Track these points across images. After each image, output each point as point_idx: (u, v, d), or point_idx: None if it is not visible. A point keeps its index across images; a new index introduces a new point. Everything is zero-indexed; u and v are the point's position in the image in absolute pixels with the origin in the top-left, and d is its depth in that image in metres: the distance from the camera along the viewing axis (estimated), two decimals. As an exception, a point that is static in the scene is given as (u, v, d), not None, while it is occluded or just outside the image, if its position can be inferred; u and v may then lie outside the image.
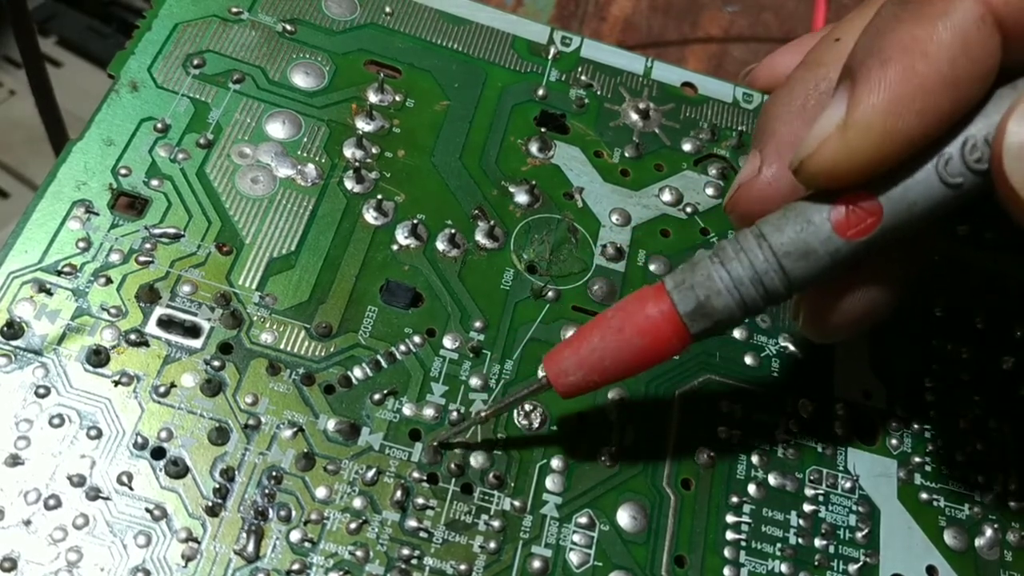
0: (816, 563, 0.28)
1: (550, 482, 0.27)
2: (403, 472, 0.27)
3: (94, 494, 0.24)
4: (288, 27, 0.34)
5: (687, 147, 0.35)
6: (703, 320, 0.24)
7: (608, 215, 0.33)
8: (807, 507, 0.28)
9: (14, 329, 0.26)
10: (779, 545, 0.28)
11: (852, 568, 0.27)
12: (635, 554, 0.27)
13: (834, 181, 0.23)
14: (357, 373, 0.28)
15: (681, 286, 0.24)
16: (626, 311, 0.25)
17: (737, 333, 0.31)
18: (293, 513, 0.25)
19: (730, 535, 0.28)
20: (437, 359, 0.29)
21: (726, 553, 0.27)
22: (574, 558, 0.26)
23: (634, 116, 0.35)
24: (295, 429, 0.26)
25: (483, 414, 0.27)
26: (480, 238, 0.31)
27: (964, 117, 0.22)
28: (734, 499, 0.28)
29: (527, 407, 0.28)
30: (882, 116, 0.21)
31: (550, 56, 0.36)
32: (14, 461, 0.24)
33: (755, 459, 0.29)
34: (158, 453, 0.25)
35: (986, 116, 0.22)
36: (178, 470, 0.25)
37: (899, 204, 0.23)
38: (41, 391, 0.26)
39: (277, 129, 0.32)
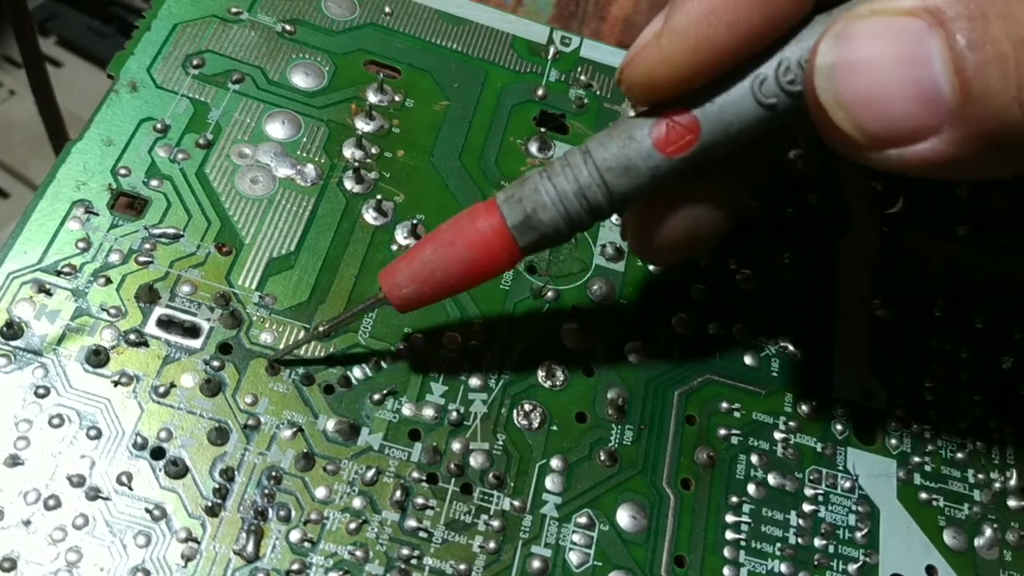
0: (816, 563, 0.28)
1: (550, 482, 0.27)
2: (403, 472, 0.27)
3: (94, 494, 0.24)
4: (288, 27, 0.34)
5: (687, 147, 0.35)
6: (530, 233, 0.25)
7: (615, 216, 0.33)
8: (807, 507, 0.28)
9: (14, 329, 0.26)
10: (779, 545, 0.28)
11: (852, 568, 0.27)
12: (635, 554, 0.27)
13: (652, 91, 0.23)
14: (357, 373, 0.28)
15: (510, 199, 0.25)
16: (458, 225, 0.25)
17: (737, 333, 0.31)
18: (293, 513, 0.25)
19: (730, 535, 0.28)
20: (437, 359, 0.29)
21: (726, 553, 0.27)
22: (574, 558, 0.26)
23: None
24: (295, 429, 0.26)
25: (321, 328, 0.27)
26: (480, 238, 0.31)
27: (779, 40, 0.22)
28: (734, 499, 0.28)
29: (527, 407, 0.28)
30: (694, 25, 0.22)
31: (550, 56, 0.36)
32: (14, 461, 0.24)
33: (755, 459, 0.29)
34: (158, 453, 0.25)
35: (801, 40, 0.22)
36: (178, 470, 0.25)
37: (716, 122, 0.23)
38: (41, 391, 0.26)
39: (277, 129, 0.32)
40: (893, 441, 0.30)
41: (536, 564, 0.26)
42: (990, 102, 0.19)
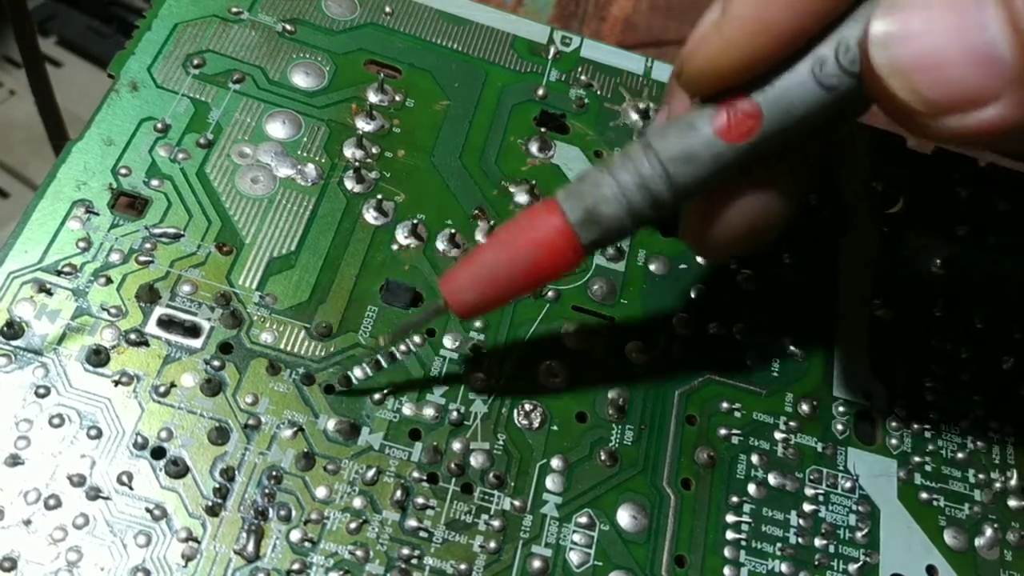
0: (816, 563, 0.28)
1: (550, 482, 0.27)
2: (403, 472, 0.27)
3: (94, 494, 0.24)
4: (288, 27, 0.34)
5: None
6: (593, 228, 0.24)
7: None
8: (807, 507, 0.28)
9: (14, 329, 0.26)
10: (779, 545, 0.28)
11: (852, 568, 0.27)
12: (635, 554, 0.27)
13: (714, 81, 0.23)
14: (357, 373, 0.28)
15: (571, 196, 0.24)
16: (519, 225, 0.25)
17: (737, 333, 0.31)
18: (293, 513, 0.25)
19: (730, 535, 0.28)
20: (437, 359, 0.29)
21: (726, 553, 0.27)
22: (574, 558, 0.26)
23: (634, 116, 0.35)
24: (295, 429, 0.26)
25: (383, 341, 0.27)
26: (480, 238, 0.31)
27: (837, 20, 0.22)
28: (734, 499, 0.28)
29: (527, 407, 0.28)
30: (753, 8, 0.22)
31: (550, 56, 0.36)
32: (14, 461, 0.24)
33: (755, 459, 0.29)
34: (158, 453, 0.25)
35: (859, 18, 0.22)
36: (178, 470, 0.25)
37: (778, 106, 0.23)
38: (41, 391, 0.26)
39: (277, 129, 0.32)
40: (893, 441, 0.30)
41: (536, 564, 0.26)
42: None
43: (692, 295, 0.32)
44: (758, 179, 0.25)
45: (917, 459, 0.30)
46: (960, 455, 0.30)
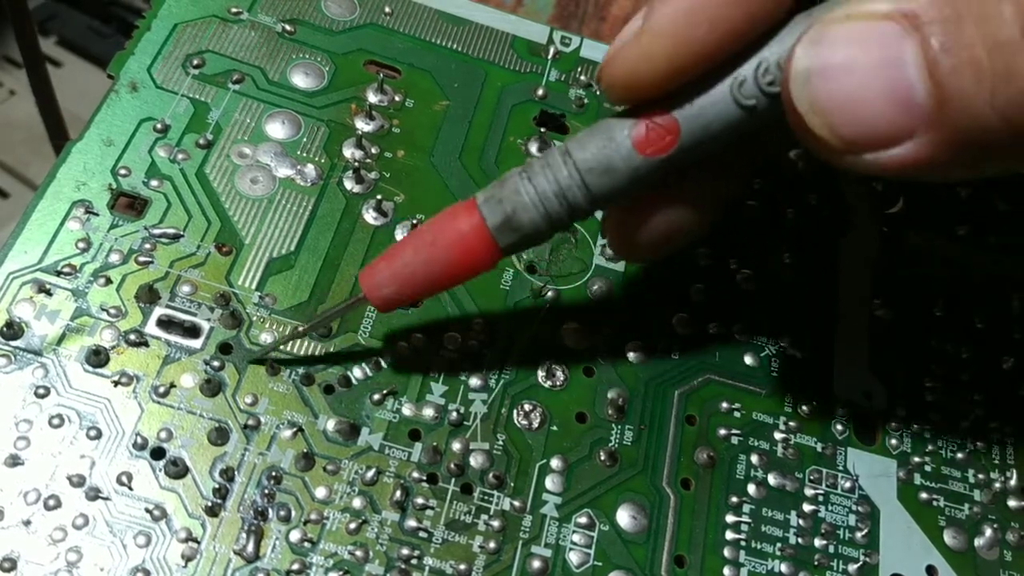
0: (816, 563, 0.28)
1: (550, 482, 0.27)
2: (403, 472, 0.27)
3: (94, 494, 0.24)
4: (288, 27, 0.34)
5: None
6: (511, 233, 0.25)
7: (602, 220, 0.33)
8: (807, 507, 0.28)
9: (14, 329, 0.26)
10: (779, 545, 0.28)
11: (852, 568, 0.27)
12: (635, 554, 0.27)
13: (632, 89, 0.23)
14: (357, 373, 0.28)
15: (490, 200, 0.25)
16: (438, 225, 0.25)
17: (737, 333, 0.31)
18: (293, 513, 0.25)
19: (730, 535, 0.28)
20: (437, 359, 0.29)
21: (726, 553, 0.27)
22: (574, 558, 0.26)
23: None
24: (295, 429, 0.26)
25: (300, 328, 0.27)
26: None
27: (759, 40, 0.22)
28: (734, 499, 0.28)
29: (527, 407, 0.28)
30: (675, 23, 0.22)
31: (550, 56, 0.36)
32: (14, 461, 0.24)
33: (755, 459, 0.29)
34: (158, 453, 0.25)
35: (780, 41, 0.22)
36: (178, 470, 0.25)
37: (696, 123, 0.23)
38: (41, 391, 0.26)
39: (277, 129, 0.32)
40: (893, 441, 0.30)
41: (536, 564, 0.26)
42: (964, 105, 0.19)
43: (692, 295, 0.32)
44: (677, 191, 0.26)
45: (917, 459, 0.30)
46: (960, 455, 0.30)
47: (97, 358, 0.26)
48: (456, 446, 0.27)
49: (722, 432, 0.29)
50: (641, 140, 0.23)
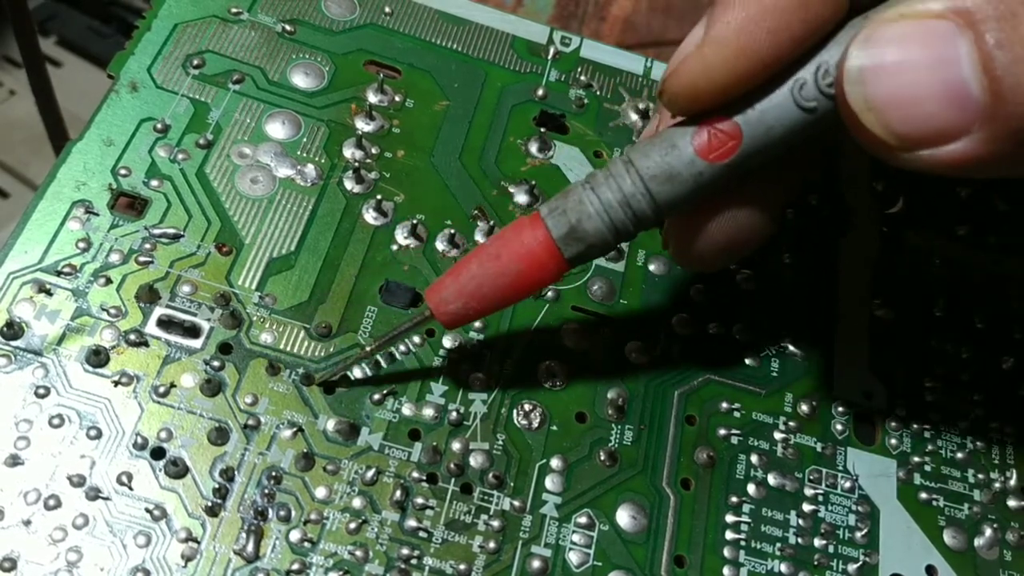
0: (816, 563, 0.28)
1: (550, 482, 0.27)
2: (403, 472, 0.27)
3: (94, 494, 0.24)
4: (288, 27, 0.34)
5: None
6: (576, 244, 0.25)
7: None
8: (807, 507, 0.28)
9: (14, 329, 0.26)
10: (779, 545, 0.28)
11: (852, 568, 0.27)
12: (635, 554, 0.27)
13: (695, 100, 0.23)
14: (357, 373, 0.28)
15: (555, 212, 0.25)
16: (504, 239, 0.25)
17: (737, 333, 0.31)
18: (293, 513, 0.25)
19: (730, 535, 0.28)
20: (437, 359, 0.29)
21: (726, 553, 0.27)
22: (574, 558, 0.26)
23: (634, 116, 0.35)
24: (295, 429, 0.26)
25: (368, 348, 0.27)
26: (480, 238, 0.31)
27: (818, 44, 0.23)
28: (734, 499, 0.28)
29: (527, 407, 0.28)
30: (735, 33, 0.22)
31: (550, 56, 0.36)
32: (14, 461, 0.24)
33: (755, 459, 0.29)
34: (158, 453, 0.25)
35: (838, 44, 0.22)
36: (178, 470, 0.25)
37: (757, 127, 0.23)
38: (41, 391, 0.26)
39: (277, 129, 0.32)
40: (893, 441, 0.30)
41: (536, 564, 0.26)
42: (1020, 101, 0.19)
43: (692, 295, 0.32)
44: (739, 196, 0.26)
45: (917, 459, 0.30)
46: (960, 455, 0.30)
47: (97, 358, 0.26)
48: (456, 446, 0.27)
49: (722, 432, 0.29)
50: (704, 147, 0.23)
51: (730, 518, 0.28)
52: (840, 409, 0.30)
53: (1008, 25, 0.19)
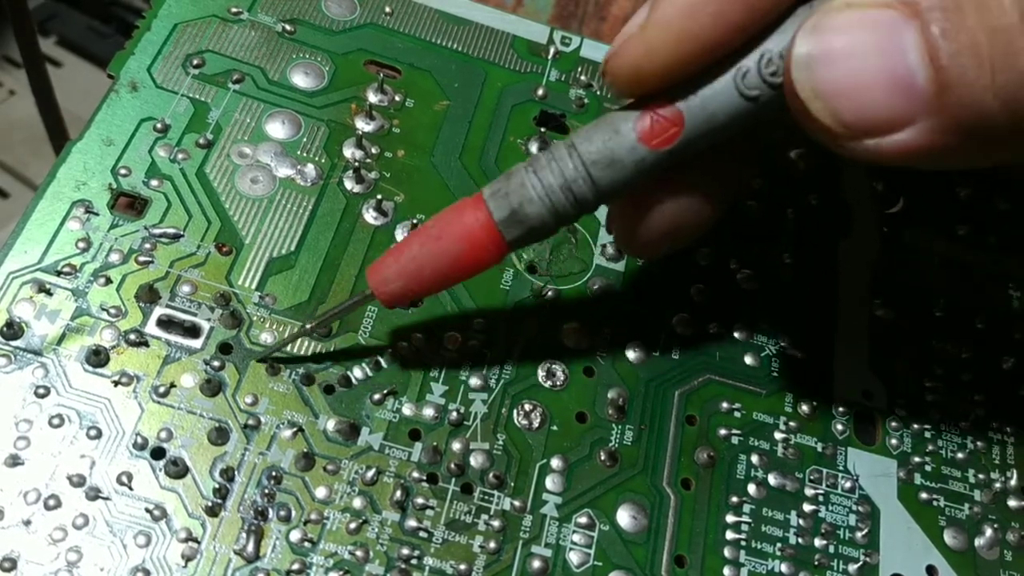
0: (816, 563, 0.28)
1: (550, 482, 0.27)
2: (403, 472, 0.27)
3: (94, 494, 0.24)
4: (288, 27, 0.34)
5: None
6: (517, 227, 0.25)
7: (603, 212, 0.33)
8: (807, 507, 0.28)
9: (14, 329, 0.26)
10: (779, 545, 0.28)
11: (852, 568, 0.27)
12: (635, 554, 0.27)
13: (636, 83, 0.23)
14: (357, 373, 0.28)
15: (496, 194, 0.25)
16: (445, 220, 0.25)
17: (737, 333, 0.31)
18: (293, 513, 0.25)
19: (730, 535, 0.28)
20: (437, 359, 0.29)
21: (726, 553, 0.27)
22: (574, 558, 0.26)
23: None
24: (295, 429, 0.26)
25: (308, 326, 0.27)
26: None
27: (762, 32, 0.22)
28: (734, 499, 0.28)
29: (527, 407, 0.28)
30: (678, 17, 0.22)
31: (550, 56, 0.36)
32: (14, 461, 0.24)
33: (755, 459, 0.29)
34: (158, 453, 0.25)
35: (783, 32, 0.22)
36: (178, 470, 0.25)
37: (700, 114, 0.23)
38: (41, 391, 0.26)
39: (277, 129, 0.32)
40: (893, 441, 0.30)
41: (536, 564, 0.26)
42: (965, 91, 0.19)
43: (692, 295, 0.32)
44: (681, 182, 0.26)
45: (917, 459, 0.30)
46: (960, 455, 0.30)
47: (97, 358, 0.26)
48: (456, 446, 0.27)
49: (722, 432, 0.29)
50: (646, 132, 0.24)
51: (730, 518, 0.28)
52: (840, 409, 0.30)
53: (953, 16, 0.19)
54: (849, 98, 0.20)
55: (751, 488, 0.28)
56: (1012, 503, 0.30)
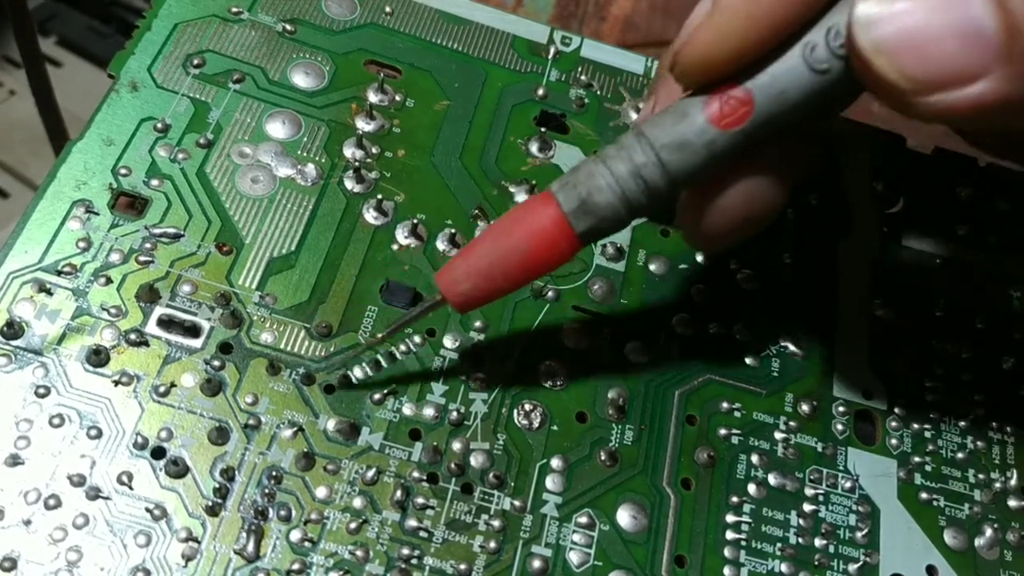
0: (816, 563, 0.28)
1: (550, 482, 0.27)
2: (403, 472, 0.27)
3: (94, 494, 0.24)
4: (288, 27, 0.34)
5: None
6: (587, 218, 0.24)
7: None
8: (807, 507, 0.28)
9: (14, 329, 0.26)
10: (779, 545, 0.28)
11: (852, 568, 0.27)
12: (635, 554, 0.27)
13: (708, 71, 0.23)
14: (357, 373, 0.28)
15: (565, 186, 0.25)
16: (514, 216, 0.25)
17: (737, 333, 0.31)
18: (293, 513, 0.25)
19: (730, 535, 0.28)
20: (437, 359, 0.29)
21: (726, 553, 0.27)
22: (574, 558, 0.26)
23: (634, 116, 0.35)
24: (295, 429, 0.26)
25: (380, 335, 0.27)
26: (480, 238, 0.31)
27: (827, 5, 0.22)
28: (734, 499, 0.28)
29: (527, 407, 0.28)
30: (744, 0, 0.22)
31: (550, 56, 0.36)
32: (14, 461, 0.24)
33: (755, 459, 0.29)
34: (158, 453, 0.25)
35: (848, 3, 0.22)
36: (178, 470, 0.25)
37: (770, 92, 0.23)
38: (41, 391, 0.26)
39: (277, 129, 0.32)
40: (893, 441, 0.30)
41: (536, 564, 0.26)
42: None
43: (692, 295, 0.32)
44: (752, 165, 0.25)
45: (917, 459, 0.30)
46: (960, 455, 0.30)
47: (97, 358, 0.26)
48: (456, 446, 0.27)
49: (722, 432, 0.29)
50: (716, 114, 0.23)
51: (730, 518, 0.28)
52: (840, 409, 0.30)
53: None
54: (915, 52, 0.20)
55: (751, 488, 0.28)
56: (1012, 503, 0.30)
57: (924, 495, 0.29)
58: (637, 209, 0.24)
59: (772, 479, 0.29)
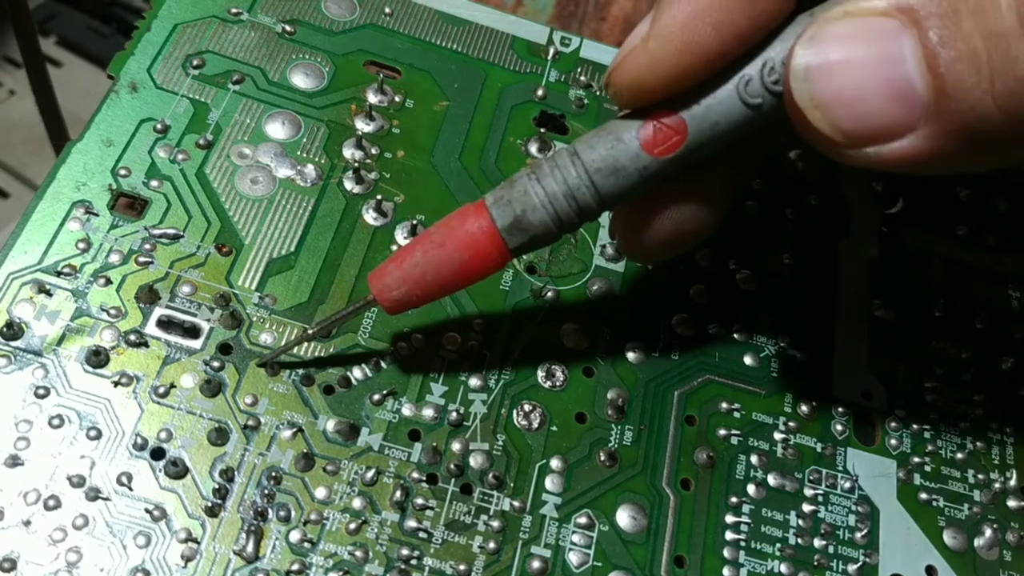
0: (816, 563, 0.28)
1: (549, 482, 0.27)
2: (402, 472, 0.27)
3: (94, 494, 0.24)
4: (287, 28, 0.34)
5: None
6: (520, 234, 0.25)
7: (607, 216, 0.33)
8: (806, 507, 0.28)
9: (14, 330, 0.26)
10: (779, 545, 0.28)
11: (851, 568, 0.27)
12: (634, 554, 0.27)
13: (639, 94, 0.24)
14: (356, 373, 0.28)
15: (500, 202, 0.25)
16: (448, 227, 0.25)
17: (737, 333, 0.31)
18: (292, 513, 0.25)
19: (729, 535, 0.28)
20: (437, 359, 0.29)
21: (725, 553, 0.27)
22: (573, 558, 0.26)
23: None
24: (294, 430, 0.26)
25: (311, 331, 0.27)
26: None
27: (763, 40, 0.23)
28: (733, 499, 0.28)
29: (527, 407, 0.28)
30: (680, 28, 0.22)
31: (549, 56, 0.36)
32: (14, 462, 0.24)
33: (755, 459, 0.29)
34: (158, 454, 0.25)
35: (784, 41, 0.22)
36: (178, 470, 0.25)
37: (703, 123, 0.23)
38: (41, 392, 0.26)
39: (277, 130, 0.32)
40: (893, 441, 0.30)
41: (536, 564, 0.26)
42: (964, 97, 0.19)
43: (692, 295, 0.32)
44: (683, 189, 0.26)
45: (916, 459, 0.30)
46: (960, 455, 0.30)
47: (97, 358, 0.26)
48: (456, 446, 0.27)
49: (722, 432, 0.29)
50: (649, 140, 0.24)
51: (730, 518, 0.28)
52: (840, 409, 0.30)
53: (950, 22, 0.19)
54: (848, 107, 0.21)
55: (750, 488, 0.28)
56: (1011, 503, 0.30)
57: (923, 495, 0.29)
58: (568, 226, 0.25)
59: (771, 479, 0.29)
